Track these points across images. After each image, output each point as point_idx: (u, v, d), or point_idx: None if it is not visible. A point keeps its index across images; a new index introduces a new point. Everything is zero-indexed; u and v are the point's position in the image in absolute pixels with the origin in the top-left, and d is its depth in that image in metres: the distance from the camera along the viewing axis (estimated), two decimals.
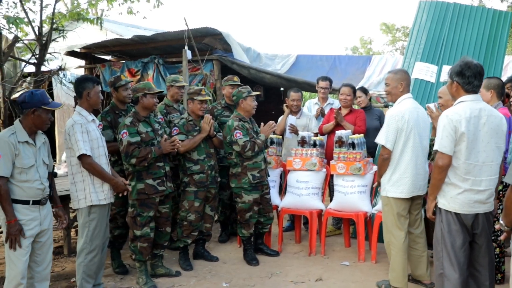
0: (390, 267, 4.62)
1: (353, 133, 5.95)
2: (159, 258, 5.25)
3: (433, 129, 4.92)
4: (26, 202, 3.83)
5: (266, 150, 5.89)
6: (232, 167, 5.56)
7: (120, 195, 4.61)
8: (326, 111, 6.92)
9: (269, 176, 5.90)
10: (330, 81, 7.11)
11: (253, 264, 5.52)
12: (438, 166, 3.64)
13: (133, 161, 4.71)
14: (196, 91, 5.41)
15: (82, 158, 4.23)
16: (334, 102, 7.22)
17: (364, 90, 7.01)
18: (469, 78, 3.68)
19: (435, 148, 3.66)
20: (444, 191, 3.70)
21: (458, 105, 3.68)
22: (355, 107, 6.98)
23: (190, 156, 5.37)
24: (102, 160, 4.41)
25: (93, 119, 4.46)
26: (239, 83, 6.29)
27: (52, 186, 4.14)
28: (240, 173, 5.49)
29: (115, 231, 5.36)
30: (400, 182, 4.48)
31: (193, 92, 5.41)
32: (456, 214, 3.63)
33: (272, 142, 6.27)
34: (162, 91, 5.07)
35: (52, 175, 4.19)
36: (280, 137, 6.51)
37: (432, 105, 4.79)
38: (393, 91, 4.63)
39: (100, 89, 4.53)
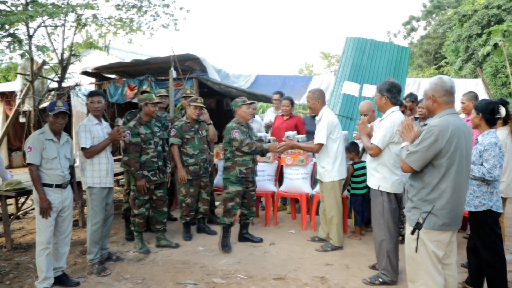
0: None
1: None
2: (162, 232, 5.18)
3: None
4: (50, 186, 3.87)
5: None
6: (225, 161, 5.06)
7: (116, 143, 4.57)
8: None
9: (256, 175, 5.26)
10: (281, 94, 7.13)
11: (226, 251, 4.91)
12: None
13: (126, 158, 4.72)
14: (193, 99, 5.42)
15: (83, 150, 4.27)
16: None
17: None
18: (395, 94, 3.84)
19: None
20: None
21: (393, 114, 3.82)
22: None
23: (186, 151, 5.32)
24: (101, 154, 4.37)
25: (97, 123, 4.40)
26: (191, 95, 6.13)
27: (72, 175, 4.15)
28: (230, 167, 4.98)
29: (125, 205, 5.40)
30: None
31: (191, 100, 5.43)
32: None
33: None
34: (161, 102, 5.03)
35: (73, 167, 4.21)
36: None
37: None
38: (313, 106, 4.89)
39: (97, 100, 4.36)
